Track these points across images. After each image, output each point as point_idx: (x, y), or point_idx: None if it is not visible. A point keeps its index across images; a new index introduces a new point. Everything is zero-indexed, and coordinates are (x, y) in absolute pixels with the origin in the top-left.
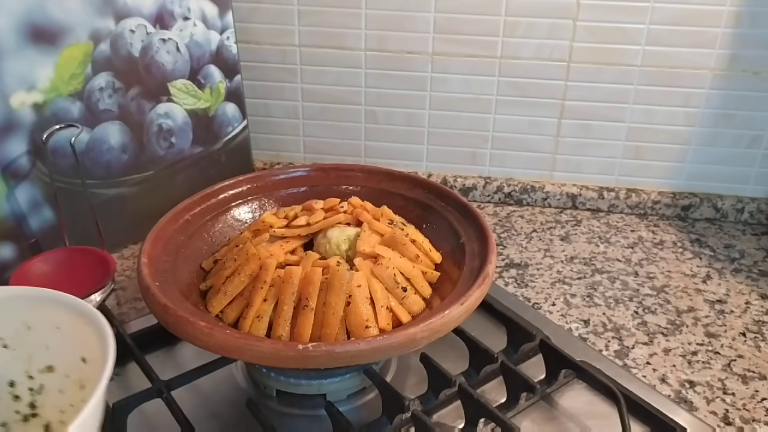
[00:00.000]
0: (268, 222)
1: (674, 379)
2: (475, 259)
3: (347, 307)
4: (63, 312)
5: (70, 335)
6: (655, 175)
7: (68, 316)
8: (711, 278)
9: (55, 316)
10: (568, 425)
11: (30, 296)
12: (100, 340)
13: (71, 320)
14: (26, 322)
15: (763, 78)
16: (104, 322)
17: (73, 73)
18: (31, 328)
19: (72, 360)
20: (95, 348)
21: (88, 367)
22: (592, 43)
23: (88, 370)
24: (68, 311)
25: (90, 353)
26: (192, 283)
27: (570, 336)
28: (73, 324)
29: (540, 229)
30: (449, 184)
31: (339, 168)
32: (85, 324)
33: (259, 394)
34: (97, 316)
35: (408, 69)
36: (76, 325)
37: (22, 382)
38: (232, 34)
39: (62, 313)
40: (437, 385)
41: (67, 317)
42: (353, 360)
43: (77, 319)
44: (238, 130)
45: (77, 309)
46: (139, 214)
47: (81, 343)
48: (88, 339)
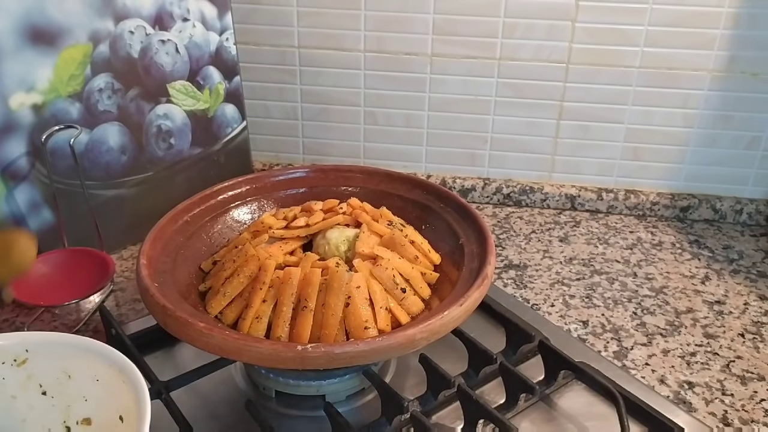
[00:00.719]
0: (267, 223)
1: (673, 380)
2: (474, 260)
3: (346, 308)
4: (102, 364)
5: (108, 389)
6: (654, 176)
7: (107, 369)
8: (710, 279)
9: (95, 367)
10: (567, 426)
11: (71, 344)
12: (136, 401)
13: (110, 374)
14: (66, 370)
15: (762, 79)
16: (141, 380)
17: (73, 74)
18: (72, 377)
19: (110, 416)
20: (131, 405)
21: (124, 426)
22: (590, 44)
23: (123, 429)
24: (107, 363)
25: (126, 412)
26: (191, 284)
27: (569, 337)
28: (112, 378)
29: (539, 230)
30: (448, 185)
31: (338, 169)
32: (122, 380)
33: (258, 395)
34: (136, 374)
35: (407, 70)
36: (114, 380)
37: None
38: (232, 36)
39: (101, 365)
40: (436, 386)
41: (106, 370)
42: (352, 361)
43: (115, 373)
44: (237, 131)
45: (116, 362)
46: (138, 215)
47: (119, 400)
48: (125, 396)
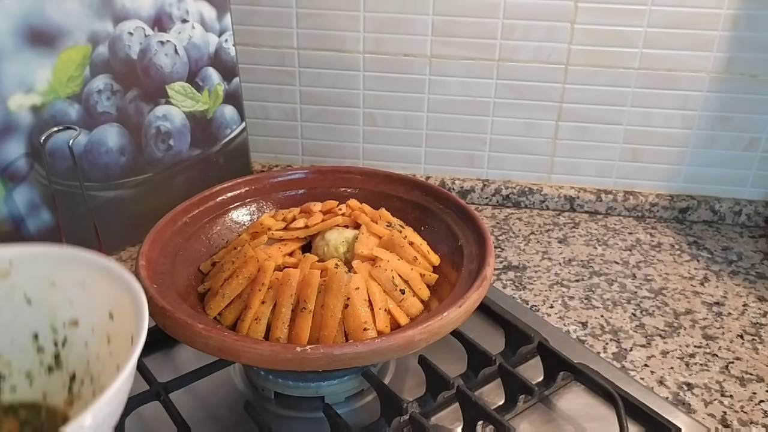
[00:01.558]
0: (266, 224)
1: (672, 381)
2: (473, 262)
3: (345, 310)
4: (88, 270)
5: (95, 291)
6: (653, 177)
7: (93, 274)
8: (709, 280)
9: (80, 274)
10: (566, 427)
11: (54, 255)
12: (129, 297)
13: (97, 278)
14: (50, 279)
15: (761, 81)
16: (131, 279)
17: (71, 75)
18: (56, 285)
19: (98, 315)
20: (124, 304)
21: (115, 322)
22: (589, 45)
23: (115, 325)
24: (93, 269)
25: (118, 309)
26: (190, 286)
27: (568, 338)
28: (99, 281)
29: (538, 232)
30: (447, 187)
31: (337, 170)
32: (110, 282)
33: (257, 397)
34: (125, 276)
35: (406, 71)
36: (101, 283)
37: (45, 335)
38: (231, 37)
39: (87, 271)
40: (435, 388)
41: (92, 275)
42: (351, 362)
43: (103, 277)
44: (236, 133)
45: (103, 268)
46: (137, 217)
47: (108, 300)
48: (115, 296)
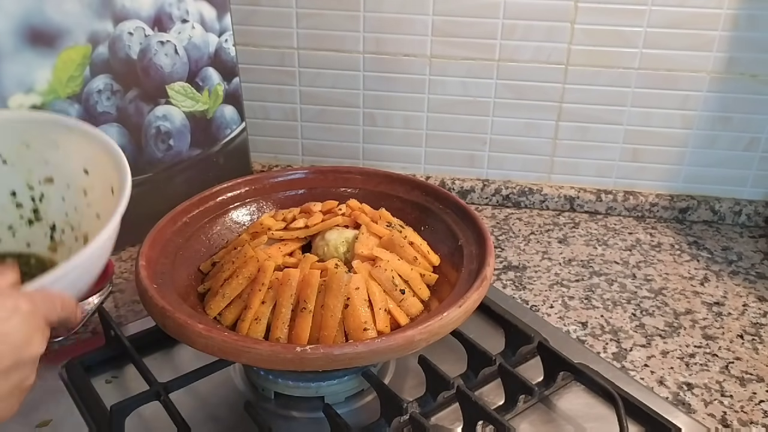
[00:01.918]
0: (266, 224)
1: (672, 381)
2: (473, 262)
3: (345, 310)
4: (61, 130)
5: (69, 151)
6: (653, 177)
7: (67, 134)
8: (709, 280)
9: (54, 135)
10: (566, 427)
11: (27, 119)
12: (105, 153)
13: (70, 138)
14: (25, 141)
15: (761, 81)
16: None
17: (71, 75)
18: (30, 146)
19: (72, 172)
20: (98, 162)
21: (90, 176)
22: (589, 46)
23: (90, 179)
24: (67, 131)
25: (92, 165)
26: (190, 286)
27: (568, 338)
28: (73, 141)
29: (538, 232)
30: (447, 187)
31: (337, 170)
32: (85, 141)
33: (257, 397)
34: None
35: (406, 72)
36: (76, 143)
37: (23, 192)
38: (231, 37)
39: (60, 132)
40: (435, 388)
41: (66, 135)
42: (351, 362)
43: (77, 137)
44: (236, 133)
45: (77, 129)
46: (137, 217)
47: (82, 157)
48: (89, 154)
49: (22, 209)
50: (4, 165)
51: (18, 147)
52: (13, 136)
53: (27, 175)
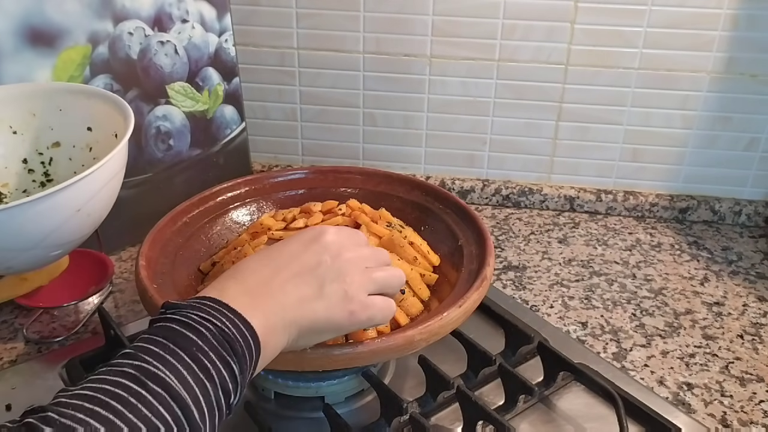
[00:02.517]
0: (266, 224)
1: (672, 382)
2: (473, 262)
3: None
4: (63, 95)
5: (72, 113)
6: (653, 177)
7: (69, 98)
8: (709, 280)
9: (56, 100)
10: (566, 427)
11: (32, 90)
12: (106, 104)
13: (72, 100)
14: (31, 110)
15: (761, 81)
16: (105, 92)
17: (71, 75)
18: (36, 114)
19: (77, 132)
20: (100, 115)
21: (93, 133)
22: (589, 46)
23: (94, 135)
24: (69, 94)
25: (94, 121)
26: (190, 286)
27: (568, 338)
28: (75, 102)
29: (538, 232)
30: (447, 187)
31: (337, 170)
32: (86, 100)
33: (257, 397)
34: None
35: (406, 72)
36: (78, 103)
37: (33, 158)
38: (231, 37)
39: (63, 96)
40: (435, 388)
41: (68, 98)
42: (351, 362)
43: (78, 97)
44: (236, 133)
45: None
46: (137, 217)
47: (84, 117)
48: (91, 110)
49: (34, 174)
50: (14, 135)
51: (25, 117)
52: (21, 108)
53: (35, 142)
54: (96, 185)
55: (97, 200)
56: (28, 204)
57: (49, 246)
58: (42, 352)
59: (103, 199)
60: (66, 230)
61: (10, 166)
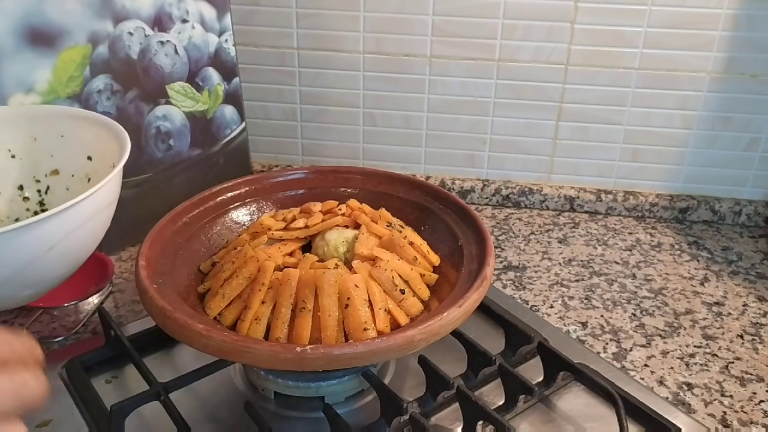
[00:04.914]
0: (266, 224)
1: (672, 382)
2: (473, 262)
3: (345, 309)
4: (66, 120)
5: (74, 140)
6: (653, 177)
7: (71, 123)
8: (709, 280)
9: (59, 125)
10: (566, 427)
11: (34, 113)
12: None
13: (74, 126)
14: (32, 134)
15: (761, 81)
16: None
17: (71, 75)
18: (37, 139)
19: (77, 161)
20: (101, 144)
21: (93, 163)
22: (589, 46)
23: (94, 165)
24: (71, 119)
25: (95, 151)
26: (190, 286)
27: (568, 338)
28: (77, 129)
29: (538, 232)
30: (447, 187)
31: (337, 170)
32: (89, 127)
33: (257, 397)
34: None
35: (406, 72)
36: (80, 129)
37: (30, 186)
38: (231, 37)
39: (65, 121)
40: (435, 388)
41: (71, 124)
42: (351, 362)
43: (81, 123)
44: (236, 133)
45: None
46: (137, 217)
47: (85, 145)
48: (93, 138)
49: (29, 202)
50: (13, 159)
51: (26, 141)
52: (22, 131)
53: (34, 168)
54: (69, 225)
55: (74, 239)
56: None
57: (16, 286)
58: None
59: (81, 238)
60: (35, 270)
61: (5, 191)
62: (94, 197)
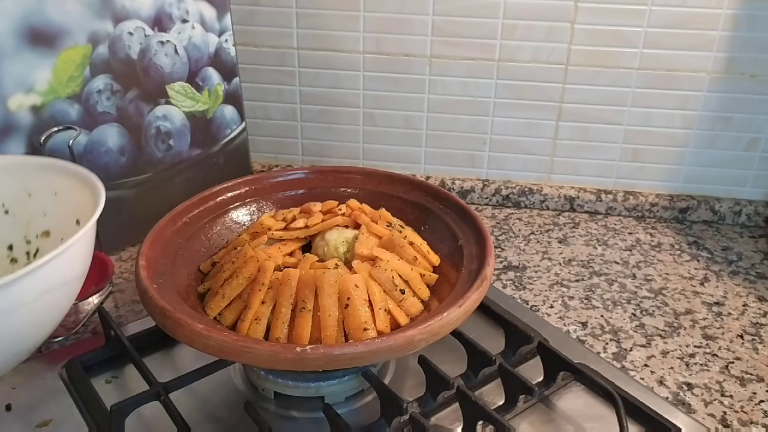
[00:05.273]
0: (266, 224)
1: (672, 381)
2: (473, 262)
3: (345, 309)
4: (62, 177)
5: (67, 200)
6: (653, 177)
7: (66, 181)
8: (709, 280)
9: (54, 182)
10: (566, 427)
11: (31, 164)
12: (93, 198)
13: (69, 185)
14: (27, 188)
15: (761, 81)
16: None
17: (72, 75)
18: (32, 195)
19: (67, 224)
20: (89, 209)
21: (79, 227)
22: (589, 46)
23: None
24: (66, 176)
25: (84, 215)
26: (190, 286)
27: (568, 338)
28: (70, 188)
29: (538, 232)
30: (447, 187)
31: (337, 170)
32: (81, 188)
33: (257, 397)
34: (92, 177)
35: (406, 72)
36: (73, 189)
37: (20, 246)
38: (231, 37)
39: (61, 179)
40: (435, 388)
41: (65, 182)
42: (351, 362)
43: (74, 182)
44: (236, 133)
45: (74, 173)
46: (137, 217)
47: (76, 207)
48: (83, 202)
49: (16, 264)
50: (6, 215)
51: (20, 195)
52: (16, 183)
53: (26, 228)
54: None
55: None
56: None
57: None
58: (42, 352)
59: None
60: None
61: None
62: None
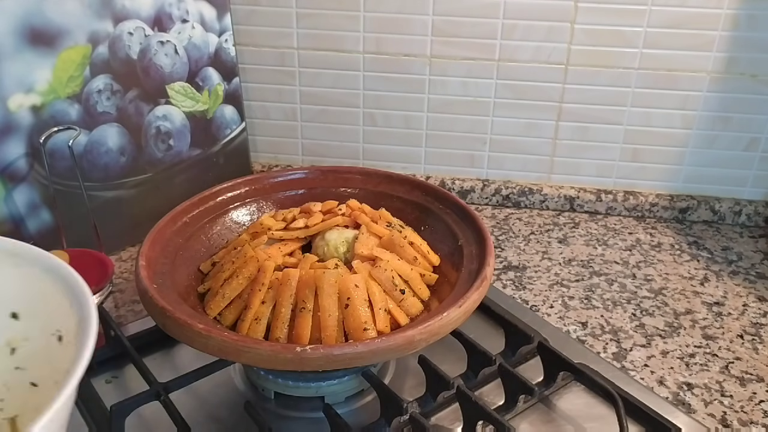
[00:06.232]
0: (266, 224)
1: (672, 381)
2: (473, 262)
3: (345, 310)
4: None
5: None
6: (653, 177)
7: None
8: (709, 280)
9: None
10: (566, 427)
11: None
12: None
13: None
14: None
15: (761, 81)
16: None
17: (72, 75)
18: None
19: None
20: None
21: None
22: (589, 46)
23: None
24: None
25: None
26: (190, 286)
27: (568, 338)
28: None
29: (538, 232)
30: (447, 187)
31: (337, 170)
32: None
33: (257, 397)
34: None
35: (406, 72)
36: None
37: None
38: (231, 37)
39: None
40: (435, 388)
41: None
42: (351, 362)
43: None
44: (236, 133)
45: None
46: (137, 217)
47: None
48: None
49: None
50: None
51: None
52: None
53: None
54: None
55: None
56: None
57: None
58: None
59: None
60: None
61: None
62: None
